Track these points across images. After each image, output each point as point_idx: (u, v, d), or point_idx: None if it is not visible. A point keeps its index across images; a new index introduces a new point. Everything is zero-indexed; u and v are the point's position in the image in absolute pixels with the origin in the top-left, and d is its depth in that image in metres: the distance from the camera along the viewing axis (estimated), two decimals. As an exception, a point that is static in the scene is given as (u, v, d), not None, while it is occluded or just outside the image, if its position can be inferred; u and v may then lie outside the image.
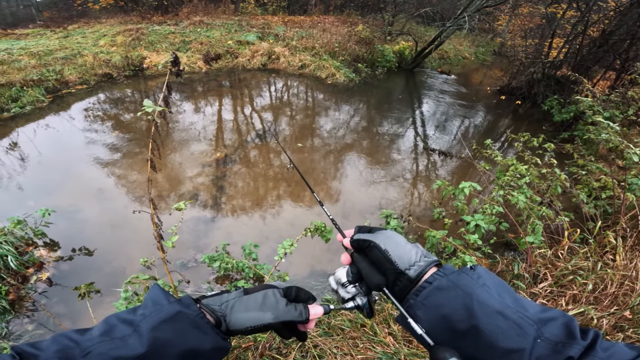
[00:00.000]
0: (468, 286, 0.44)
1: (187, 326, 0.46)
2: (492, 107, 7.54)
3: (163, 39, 8.33)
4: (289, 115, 5.91)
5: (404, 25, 10.78)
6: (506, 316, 0.40)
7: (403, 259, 0.50)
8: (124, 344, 0.42)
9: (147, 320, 0.45)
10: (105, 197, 3.40)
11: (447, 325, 0.43)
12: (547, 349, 0.38)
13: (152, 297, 0.48)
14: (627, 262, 1.93)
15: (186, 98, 6.24)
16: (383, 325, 1.92)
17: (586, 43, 6.30)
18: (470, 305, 0.42)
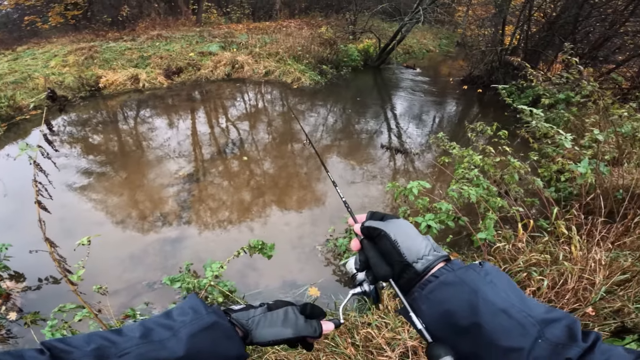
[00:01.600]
0: (474, 282, 0.43)
1: (221, 336, 0.50)
2: (458, 97, 7.69)
3: (119, 56, 8.04)
4: (257, 125, 5.81)
5: (367, 23, 10.86)
6: (510, 315, 0.40)
7: (412, 251, 0.49)
8: (163, 347, 0.45)
9: (187, 327, 0.48)
10: (68, 226, 3.23)
11: (449, 321, 0.43)
12: (547, 349, 0.38)
13: (192, 305, 0.53)
14: (584, 253, 1.93)
15: (151, 115, 6.03)
16: (346, 335, 1.88)
17: (536, 29, 6.53)
18: (475, 302, 0.42)
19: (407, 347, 1.60)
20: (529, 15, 6.37)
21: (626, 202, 2.55)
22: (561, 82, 4.15)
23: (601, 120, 4.05)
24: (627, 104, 3.97)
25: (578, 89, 4.34)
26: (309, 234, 3.10)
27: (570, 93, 4.59)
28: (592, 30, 6.60)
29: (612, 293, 1.72)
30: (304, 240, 2.99)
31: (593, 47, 6.47)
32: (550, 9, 6.50)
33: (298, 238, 3.04)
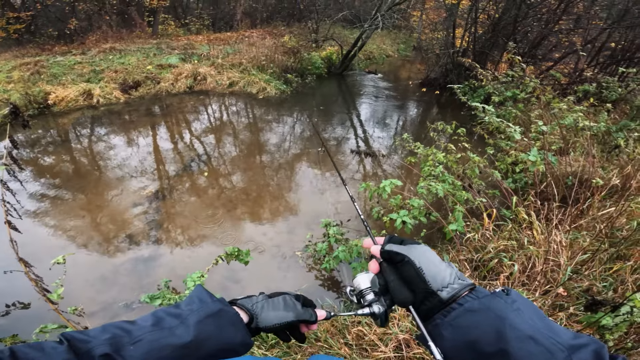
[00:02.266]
0: (501, 310, 0.44)
1: (226, 322, 0.52)
2: (418, 99, 8.08)
3: (69, 71, 7.55)
4: (224, 137, 5.70)
5: (328, 30, 11.12)
6: (538, 341, 0.40)
7: (437, 279, 0.49)
8: (172, 333, 0.48)
9: (194, 315, 0.50)
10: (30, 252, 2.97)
11: (473, 347, 0.43)
12: None
13: (198, 295, 0.55)
14: (545, 236, 2.12)
15: (108, 133, 5.70)
16: (339, 336, 1.90)
17: (482, 31, 7.06)
18: (502, 329, 0.42)
19: (399, 340, 1.65)
20: (475, 18, 6.88)
21: (576, 187, 2.83)
22: (507, 81, 4.51)
23: (544, 114, 4.46)
24: (566, 98, 4.41)
25: (522, 86, 4.75)
26: (287, 241, 3.10)
27: (515, 90, 5.01)
28: (530, 30, 7.25)
29: (579, 273, 1.89)
30: (283, 249, 2.99)
31: (532, 46, 7.11)
32: (493, 10, 7.06)
33: (276, 247, 3.02)
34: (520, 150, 3.30)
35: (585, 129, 3.61)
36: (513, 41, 6.03)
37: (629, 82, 5.53)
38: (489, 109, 2.71)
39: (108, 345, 0.44)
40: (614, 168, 3.36)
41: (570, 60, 7.69)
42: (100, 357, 0.43)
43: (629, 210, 2.44)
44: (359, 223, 3.25)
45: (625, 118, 5.04)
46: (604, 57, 6.95)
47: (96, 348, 0.43)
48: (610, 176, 3.05)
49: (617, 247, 2.04)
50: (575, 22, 7.35)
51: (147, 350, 0.45)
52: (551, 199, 2.64)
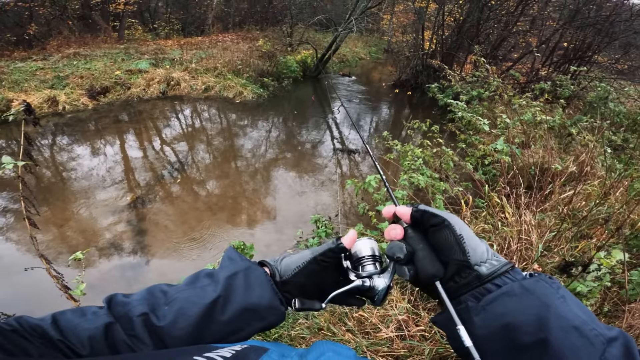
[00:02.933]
0: (546, 296, 0.39)
1: (254, 280, 0.50)
2: (391, 100, 8.37)
3: (31, 77, 7.14)
4: (203, 142, 5.64)
5: (303, 34, 11.26)
6: (582, 332, 0.37)
7: (477, 252, 0.43)
8: (203, 291, 0.48)
9: (223, 270, 0.51)
10: (7, 262, 2.88)
11: (509, 336, 0.39)
12: None
13: (229, 255, 0.54)
14: (516, 218, 2.32)
15: (78, 141, 5.46)
16: (340, 324, 1.98)
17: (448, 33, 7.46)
18: (546, 317, 0.38)
19: (399, 321, 1.76)
20: (442, 21, 7.27)
21: (538, 176, 3.10)
22: (473, 81, 4.83)
23: (507, 110, 4.81)
24: (524, 95, 4.79)
25: (486, 85, 5.10)
26: (276, 241, 3.15)
27: (480, 90, 5.37)
28: (492, 32, 7.75)
29: (549, 250, 2.09)
30: (273, 248, 3.03)
31: (493, 47, 7.61)
32: (458, 13, 7.48)
33: (266, 246, 3.06)
34: (488, 143, 3.57)
35: (542, 123, 3.95)
36: (476, 43, 6.43)
37: (581, 79, 6.07)
38: (462, 105, 2.92)
39: (145, 305, 0.46)
40: (570, 157, 3.71)
41: (528, 60, 8.30)
42: (138, 317, 0.44)
43: (586, 193, 2.72)
44: (345, 218, 3.35)
45: (578, 113, 5.54)
46: (558, 57, 7.55)
47: (135, 309, 0.45)
48: (567, 164, 3.36)
49: (579, 226, 2.28)
50: (531, 24, 7.93)
51: (178, 308, 0.46)
52: (518, 186, 2.89)
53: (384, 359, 1.78)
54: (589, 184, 2.82)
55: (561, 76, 5.83)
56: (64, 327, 0.41)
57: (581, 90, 6.26)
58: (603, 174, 3.24)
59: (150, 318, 0.45)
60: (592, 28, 6.88)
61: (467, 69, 7.79)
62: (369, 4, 9.02)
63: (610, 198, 2.65)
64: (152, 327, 0.45)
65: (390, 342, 1.74)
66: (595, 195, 2.69)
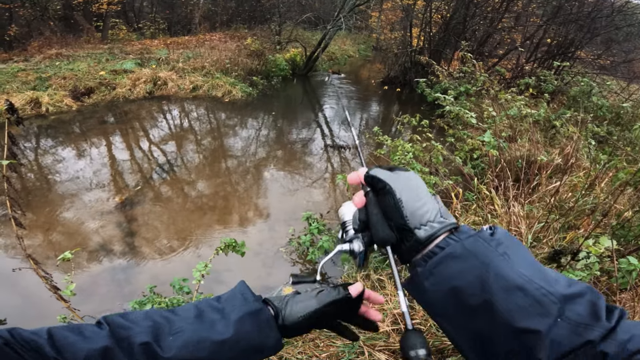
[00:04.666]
0: (485, 255, 0.38)
1: (263, 323, 0.50)
2: (380, 97, 8.42)
3: (12, 79, 6.94)
4: (192, 141, 5.56)
5: (291, 32, 11.20)
6: (527, 292, 0.35)
7: (416, 215, 0.42)
8: (212, 328, 0.46)
9: (235, 311, 0.49)
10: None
11: (457, 299, 0.38)
12: (567, 329, 0.34)
13: (241, 291, 0.53)
14: (505, 210, 2.36)
15: (62, 142, 5.32)
16: None
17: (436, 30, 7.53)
18: (486, 278, 0.36)
19: (394, 315, 1.76)
20: (429, 18, 7.33)
21: (525, 169, 3.16)
22: (460, 77, 4.89)
23: (493, 105, 4.89)
24: (509, 90, 4.87)
25: (473, 81, 5.17)
26: (268, 239, 3.13)
27: (467, 85, 5.44)
28: (478, 29, 7.86)
29: (539, 240, 2.12)
30: (265, 246, 3.01)
31: (479, 44, 7.71)
32: (445, 10, 7.55)
33: (258, 244, 3.04)
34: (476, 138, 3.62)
35: (528, 116, 4.03)
36: (463, 39, 6.50)
37: (564, 74, 6.20)
38: (450, 99, 2.95)
39: (149, 333, 0.43)
40: (556, 150, 3.79)
41: (512, 56, 8.44)
42: (140, 346, 0.42)
43: (572, 184, 2.78)
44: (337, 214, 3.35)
45: (562, 107, 5.66)
46: (542, 53, 7.69)
47: (137, 336, 0.42)
48: (553, 157, 3.43)
49: (566, 216, 2.33)
50: (515, 20, 8.07)
51: (185, 342, 0.44)
52: (506, 179, 2.94)
53: (382, 353, 1.79)
54: (575, 176, 2.88)
55: (545, 71, 5.95)
56: (60, 345, 0.39)
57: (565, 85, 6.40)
58: (588, 166, 3.33)
59: (153, 348, 0.42)
60: (575, 24, 7.04)
61: (454, 65, 7.88)
62: (357, 2, 9.04)
63: (595, 189, 2.71)
64: (154, 356, 0.42)
65: (387, 337, 1.75)
66: (580, 186, 2.76)
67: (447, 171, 3.26)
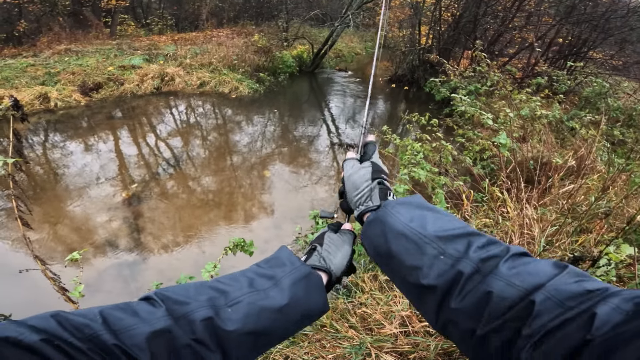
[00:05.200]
0: (383, 217, 0.49)
1: (313, 287, 0.51)
2: (387, 95, 8.34)
3: (21, 74, 7.00)
4: (199, 137, 5.56)
5: (298, 29, 11.14)
6: (407, 237, 0.45)
7: (353, 200, 0.58)
8: (267, 295, 0.46)
9: (288, 277, 0.49)
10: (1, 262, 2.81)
11: (377, 252, 0.50)
12: (448, 264, 0.40)
13: (287, 256, 0.54)
14: (518, 212, 2.31)
15: (69, 137, 5.35)
16: (342, 320, 1.95)
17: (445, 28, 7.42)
18: (385, 232, 0.48)
19: (402, 317, 1.73)
20: (439, 16, 7.23)
21: (537, 171, 3.09)
22: (470, 76, 4.81)
23: (507, 105, 4.81)
24: (523, 90, 4.78)
25: (484, 80, 5.08)
26: (274, 237, 3.11)
27: (477, 85, 5.35)
28: (489, 27, 7.74)
29: (551, 244, 2.07)
30: (272, 243, 2.99)
31: (490, 43, 7.60)
32: (454, 8, 7.44)
33: (265, 242, 3.02)
34: (486, 138, 3.55)
35: (542, 117, 3.94)
36: (474, 38, 6.41)
37: (577, 75, 6.08)
38: (466, 99, 2.89)
39: (209, 307, 0.41)
40: (569, 151, 3.71)
41: (523, 55, 8.30)
42: (202, 322, 0.40)
43: (586, 187, 2.71)
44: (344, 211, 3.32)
45: (574, 108, 5.55)
46: (554, 52, 7.56)
47: (196, 311, 0.40)
48: (567, 158, 3.36)
49: (579, 220, 2.27)
50: (527, 19, 7.93)
51: (245, 313, 0.43)
52: (518, 180, 2.88)
53: (389, 355, 1.76)
54: (589, 178, 2.81)
55: (558, 71, 5.84)
56: (118, 329, 0.35)
57: (577, 85, 6.27)
58: (602, 169, 3.24)
59: (216, 322, 0.41)
60: (588, 24, 6.89)
61: (464, 64, 7.77)
62: (365, -1, 8.96)
63: (609, 192, 2.64)
64: (218, 331, 0.41)
65: (395, 339, 1.72)
66: (595, 190, 2.68)
67: (456, 171, 3.20)
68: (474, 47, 3.97)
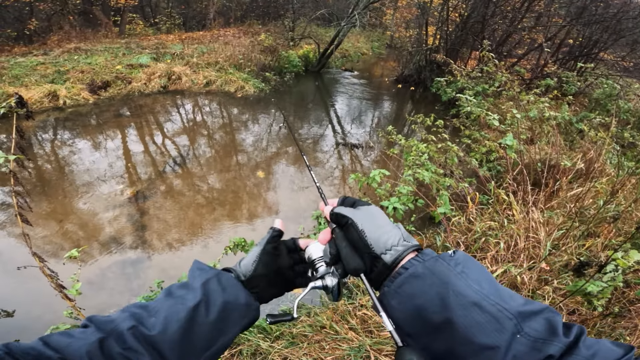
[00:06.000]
0: (444, 273, 0.40)
1: (226, 283, 0.52)
2: (393, 96, 8.29)
3: (31, 72, 7.11)
4: (204, 136, 5.59)
5: (305, 29, 11.15)
6: (483, 309, 0.37)
7: (379, 242, 0.46)
8: (183, 299, 0.49)
9: (197, 279, 0.52)
10: (6, 258, 2.86)
11: (421, 317, 0.40)
12: (526, 345, 0.35)
13: (197, 266, 0.55)
14: (524, 215, 2.27)
15: (78, 135, 5.42)
16: (342, 322, 1.95)
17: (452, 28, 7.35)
18: (446, 296, 0.39)
19: None
20: (446, 16, 7.16)
21: (545, 173, 3.04)
22: (477, 76, 4.75)
23: (515, 106, 4.75)
24: (531, 91, 4.71)
25: (491, 81, 5.02)
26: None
27: (485, 85, 5.29)
28: (497, 28, 7.65)
29: (557, 248, 2.04)
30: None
31: (498, 43, 7.51)
32: (462, 9, 7.37)
33: (267, 242, 3.02)
34: (493, 140, 3.51)
35: (550, 119, 3.88)
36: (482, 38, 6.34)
37: (587, 76, 5.98)
38: (472, 100, 2.86)
39: (131, 319, 0.46)
40: (577, 154, 3.65)
41: (532, 56, 8.19)
42: (128, 330, 0.44)
43: (594, 191, 2.66)
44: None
45: (584, 110, 5.46)
46: (563, 53, 7.44)
47: (121, 324, 0.45)
48: (575, 161, 3.30)
49: (586, 224, 2.23)
50: (536, 20, 7.82)
51: (165, 317, 0.47)
52: (524, 183, 2.84)
53: (388, 358, 1.75)
54: (597, 182, 2.76)
55: (567, 73, 5.74)
56: (59, 347, 0.39)
57: (587, 87, 6.17)
58: (611, 172, 3.18)
59: (140, 329, 0.45)
60: (599, 25, 6.77)
61: (471, 65, 7.69)
62: (371, -1, 8.92)
63: (618, 196, 2.59)
64: (144, 337, 0.44)
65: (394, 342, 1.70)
66: (603, 193, 2.63)
67: (462, 173, 3.17)
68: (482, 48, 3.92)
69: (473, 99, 3.00)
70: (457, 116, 4.36)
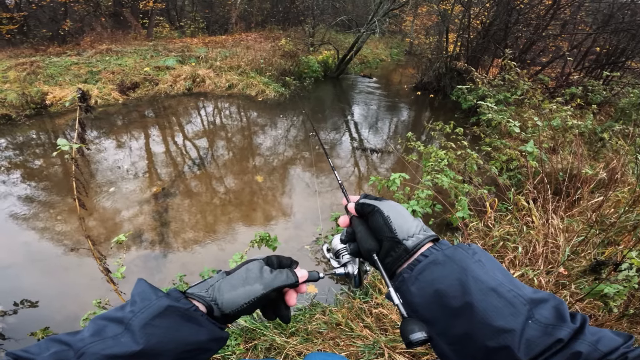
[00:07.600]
0: (463, 261, 0.43)
1: (179, 320, 0.45)
2: (412, 103, 8.30)
3: (65, 71, 7.52)
4: (225, 138, 5.78)
5: (324, 35, 11.31)
6: (500, 294, 0.40)
7: (403, 229, 0.49)
8: (117, 342, 0.41)
9: (137, 317, 0.44)
10: (34, 249, 3.05)
11: (441, 301, 0.42)
12: (538, 330, 0.38)
13: (140, 292, 0.48)
14: (543, 222, 2.28)
15: (106, 134, 5.71)
16: (357, 320, 2.00)
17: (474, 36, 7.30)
18: (465, 281, 0.41)
19: None
20: (468, 24, 7.14)
21: (566, 182, 3.02)
22: (499, 84, 4.73)
23: (537, 114, 4.69)
24: (554, 100, 4.65)
25: (513, 89, 4.98)
26: (294, 237, 3.20)
27: (506, 94, 5.25)
28: (520, 36, 7.56)
29: (576, 254, 2.04)
30: (291, 243, 3.09)
31: (521, 51, 7.41)
32: (484, 16, 7.32)
33: (284, 241, 3.11)
34: (514, 148, 3.49)
35: (573, 127, 3.83)
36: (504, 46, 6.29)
37: (613, 85, 5.82)
38: (493, 107, 2.89)
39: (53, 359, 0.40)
40: (600, 164, 3.58)
41: (557, 64, 8.03)
42: None
43: (615, 200, 2.63)
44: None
45: (609, 120, 5.32)
46: (589, 62, 7.27)
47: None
48: (597, 170, 3.25)
49: (606, 232, 2.21)
50: (562, 28, 7.68)
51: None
52: (545, 191, 2.83)
53: (402, 356, 1.79)
54: (619, 191, 2.72)
55: (593, 81, 5.62)
56: None
57: (613, 96, 6.01)
58: (633, 181, 3.12)
59: None
60: (626, 33, 6.60)
61: (493, 73, 7.62)
62: (391, 6, 8.98)
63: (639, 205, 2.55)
64: None
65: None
66: (624, 202, 2.60)
67: (481, 180, 3.18)
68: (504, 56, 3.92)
69: (494, 107, 3.02)
70: (477, 124, 4.36)
